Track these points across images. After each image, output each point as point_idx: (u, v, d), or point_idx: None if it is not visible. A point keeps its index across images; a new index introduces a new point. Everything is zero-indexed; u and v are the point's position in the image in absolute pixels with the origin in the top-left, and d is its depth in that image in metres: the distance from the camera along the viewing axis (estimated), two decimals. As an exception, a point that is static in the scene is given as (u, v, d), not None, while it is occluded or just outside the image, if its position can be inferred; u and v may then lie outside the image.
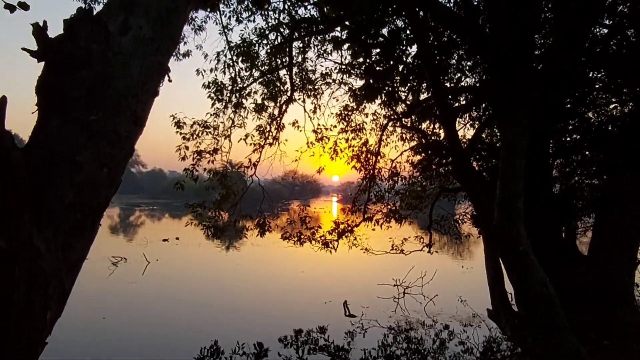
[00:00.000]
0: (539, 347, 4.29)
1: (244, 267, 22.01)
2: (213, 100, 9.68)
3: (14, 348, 1.30)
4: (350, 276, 20.47)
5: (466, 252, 25.80)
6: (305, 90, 10.90)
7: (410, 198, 11.38)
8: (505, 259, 4.67)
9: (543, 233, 5.88)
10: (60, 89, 1.55)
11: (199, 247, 27.61)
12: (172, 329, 12.28)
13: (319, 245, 10.85)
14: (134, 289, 17.05)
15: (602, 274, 5.94)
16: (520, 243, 4.44)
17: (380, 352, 10.59)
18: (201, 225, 10.17)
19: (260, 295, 16.24)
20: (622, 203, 6.03)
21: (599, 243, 6.25)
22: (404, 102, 9.18)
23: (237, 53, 9.67)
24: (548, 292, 4.36)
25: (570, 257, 6.20)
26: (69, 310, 8.28)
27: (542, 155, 6.32)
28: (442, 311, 13.85)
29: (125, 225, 43.91)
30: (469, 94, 6.52)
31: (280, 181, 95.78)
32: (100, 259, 21.43)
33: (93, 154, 1.52)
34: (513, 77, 4.65)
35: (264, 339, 11.07)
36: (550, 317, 4.32)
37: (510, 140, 4.59)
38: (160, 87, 1.97)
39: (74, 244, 1.46)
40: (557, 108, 6.42)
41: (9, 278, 1.24)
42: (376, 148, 10.71)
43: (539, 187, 6.14)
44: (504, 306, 4.87)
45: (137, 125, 1.68)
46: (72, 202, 1.44)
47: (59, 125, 1.51)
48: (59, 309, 1.54)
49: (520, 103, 4.58)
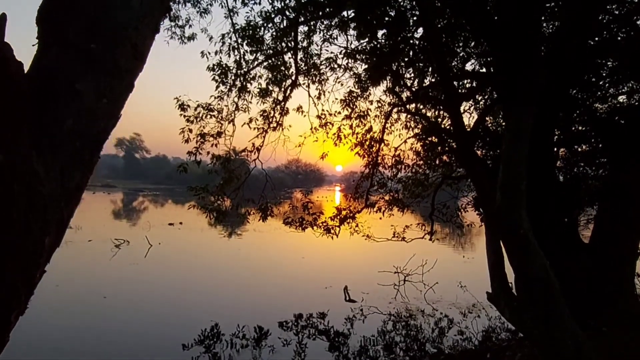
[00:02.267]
0: (538, 331, 4.30)
1: (246, 252, 22.12)
2: (217, 82, 9.63)
3: (14, 267, 1.32)
4: (351, 263, 20.59)
5: (468, 243, 25.87)
6: (310, 76, 10.83)
7: (413, 187, 11.35)
8: (506, 242, 4.66)
9: (545, 221, 5.87)
10: (60, 18, 1.56)
11: (202, 232, 27.82)
12: (173, 310, 12.39)
13: (321, 231, 10.85)
14: (136, 270, 17.21)
15: (602, 263, 5.93)
16: (522, 226, 4.42)
17: (380, 339, 10.65)
18: (204, 209, 10.16)
19: (261, 280, 16.35)
20: (625, 193, 6.00)
21: (600, 232, 6.23)
22: (409, 88, 9.12)
23: (242, 36, 9.60)
24: (548, 276, 4.36)
25: (572, 245, 6.18)
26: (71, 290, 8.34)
27: (546, 144, 6.28)
28: (442, 298, 13.95)
29: (128, 210, 44.14)
30: (474, 78, 6.45)
31: (283, 169, 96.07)
32: (104, 241, 21.67)
33: (92, 83, 1.53)
34: (519, 59, 4.60)
35: (264, 323, 11.16)
36: (549, 301, 4.32)
37: (515, 123, 4.56)
38: (161, 25, 1.98)
39: (72, 172, 1.48)
40: (563, 96, 6.36)
41: (8, 193, 1.26)
42: (380, 135, 10.66)
43: (543, 175, 6.11)
44: (503, 289, 4.87)
45: (137, 59, 1.68)
46: (71, 128, 1.45)
47: (59, 53, 1.52)
48: (58, 237, 1.56)
49: (525, 85, 4.55)
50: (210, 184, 9.89)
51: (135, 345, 9.68)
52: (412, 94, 8.09)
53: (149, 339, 10.21)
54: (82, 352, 9.37)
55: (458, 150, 5.31)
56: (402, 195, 11.22)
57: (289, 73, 10.33)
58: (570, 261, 5.84)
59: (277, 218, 12.52)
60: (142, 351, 9.43)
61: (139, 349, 9.52)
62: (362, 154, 10.94)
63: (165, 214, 39.79)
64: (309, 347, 10.03)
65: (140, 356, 9.18)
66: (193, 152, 9.62)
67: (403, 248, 12.79)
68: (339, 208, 11.22)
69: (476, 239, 26.15)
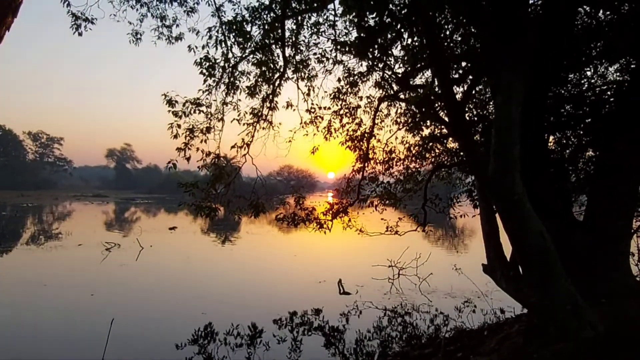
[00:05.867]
0: (535, 297, 4.24)
1: (238, 253, 22.12)
2: (205, 76, 9.54)
3: None
4: (344, 259, 20.73)
5: (461, 245, 26.00)
6: (299, 72, 10.79)
7: (405, 181, 11.30)
8: (500, 208, 4.58)
9: (539, 198, 5.83)
10: None
11: (194, 235, 27.72)
12: (165, 310, 12.21)
13: (314, 226, 10.74)
14: (127, 271, 17.01)
15: (597, 239, 5.90)
16: (516, 192, 4.35)
17: (376, 334, 10.56)
18: (194, 205, 10.01)
19: (255, 279, 16.26)
20: (616, 169, 5.99)
21: (594, 208, 6.21)
22: (397, 79, 9.08)
23: (229, 29, 9.54)
24: (544, 240, 4.30)
25: (566, 221, 6.15)
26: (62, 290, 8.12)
27: (537, 122, 6.25)
28: (437, 289, 14.01)
29: (119, 218, 43.71)
30: (463, 44, 6.36)
31: (275, 175, 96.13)
32: (96, 245, 21.49)
33: None
34: (508, 21, 4.57)
35: (258, 321, 11.03)
36: (546, 266, 4.26)
37: (506, 87, 4.50)
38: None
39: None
40: (552, 71, 6.34)
41: None
42: (370, 130, 10.61)
43: (535, 153, 6.08)
44: (498, 259, 4.82)
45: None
46: None
47: None
48: None
49: (515, 48, 4.51)
50: (201, 183, 9.75)
51: (127, 345, 9.48)
52: (403, 76, 8.01)
53: (141, 339, 10.03)
54: (72, 350, 9.20)
55: (449, 117, 5.24)
56: (394, 189, 11.16)
57: (278, 67, 10.26)
58: (565, 237, 5.80)
59: (268, 221, 12.46)
60: (134, 351, 9.25)
61: (131, 349, 9.34)
62: (352, 147, 10.89)
63: (157, 221, 39.53)
64: (304, 343, 9.90)
65: (133, 356, 9.00)
66: (182, 147, 9.47)
67: (397, 243, 12.73)
68: (331, 203, 11.15)
69: (468, 240, 26.38)
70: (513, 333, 4.83)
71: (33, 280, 14.81)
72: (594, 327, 4.25)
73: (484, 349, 5.15)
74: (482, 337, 6.09)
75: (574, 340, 4.07)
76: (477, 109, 8.87)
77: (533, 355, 4.13)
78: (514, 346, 4.51)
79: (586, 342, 4.04)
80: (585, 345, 3.99)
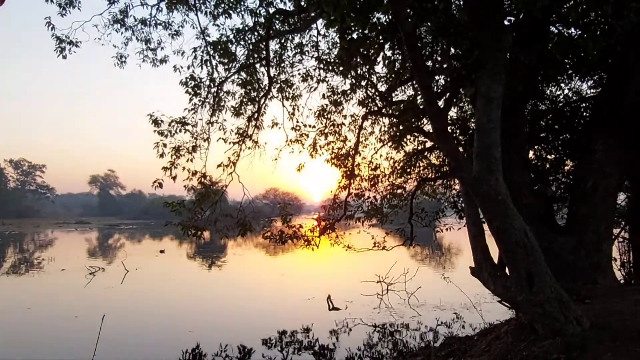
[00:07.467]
0: (522, 295, 4.33)
1: (226, 275, 22.04)
2: (191, 95, 9.63)
3: None
4: (332, 276, 20.71)
5: (448, 262, 26.15)
6: (283, 92, 10.96)
7: (391, 200, 11.44)
8: (485, 209, 4.71)
9: (522, 203, 5.98)
10: None
11: (181, 258, 27.45)
12: (152, 331, 12.01)
13: (301, 243, 10.74)
14: (111, 294, 16.74)
15: (579, 243, 6.05)
16: (499, 192, 4.50)
17: (366, 352, 10.48)
18: (181, 225, 9.95)
19: (243, 299, 16.14)
20: (594, 175, 6.18)
21: (574, 214, 6.37)
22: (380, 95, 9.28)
23: (214, 49, 9.69)
24: (528, 239, 4.43)
25: (549, 226, 6.30)
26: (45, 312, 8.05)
27: (517, 132, 6.45)
28: (427, 302, 14.06)
29: (102, 244, 43.00)
30: (442, 55, 6.54)
31: (261, 199, 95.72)
32: (79, 269, 21.15)
33: None
34: (484, 25, 4.77)
35: (247, 342, 10.88)
36: (531, 264, 4.37)
37: (486, 90, 4.69)
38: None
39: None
40: (530, 83, 6.56)
41: None
42: (355, 146, 10.75)
43: (516, 160, 6.26)
44: (485, 260, 4.91)
45: None
46: None
47: None
48: None
49: (492, 51, 4.71)
50: (187, 204, 9.73)
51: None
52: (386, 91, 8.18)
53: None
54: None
55: (432, 125, 5.39)
56: (381, 205, 11.27)
57: (263, 85, 10.41)
58: (548, 242, 5.94)
59: (255, 244, 12.46)
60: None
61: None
62: (338, 165, 11.00)
63: (143, 246, 39.01)
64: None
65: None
66: (168, 167, 9.48)
67: (384, 259, 12.76)
68: (318, 219, 11.18)
69: (455, 258, 26.59)
70: (502, 333, 4.90)
71: (16, 305, 14.53)
72: (580, 322, 4.37)
73: (474, 351, 5.20)
74: (472, 341, 6.14)
75: (562, 336, 4.17)
76: (459, 120, 9.10)
77: (522, 353, 4.20)
78: (503, 346, 4.57)
79: (573, 337, 4.13)
80: (573, 340, 4.07)
